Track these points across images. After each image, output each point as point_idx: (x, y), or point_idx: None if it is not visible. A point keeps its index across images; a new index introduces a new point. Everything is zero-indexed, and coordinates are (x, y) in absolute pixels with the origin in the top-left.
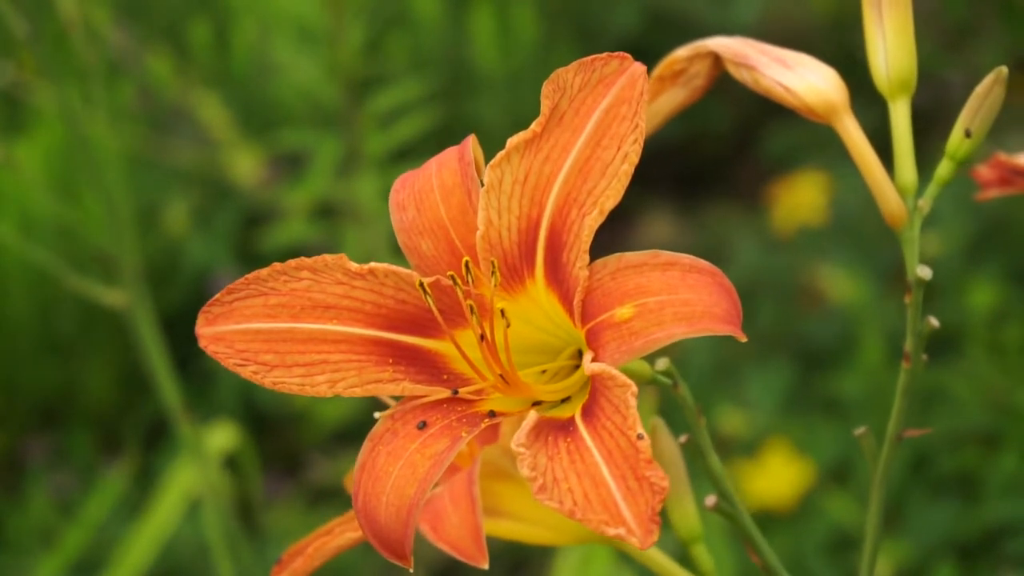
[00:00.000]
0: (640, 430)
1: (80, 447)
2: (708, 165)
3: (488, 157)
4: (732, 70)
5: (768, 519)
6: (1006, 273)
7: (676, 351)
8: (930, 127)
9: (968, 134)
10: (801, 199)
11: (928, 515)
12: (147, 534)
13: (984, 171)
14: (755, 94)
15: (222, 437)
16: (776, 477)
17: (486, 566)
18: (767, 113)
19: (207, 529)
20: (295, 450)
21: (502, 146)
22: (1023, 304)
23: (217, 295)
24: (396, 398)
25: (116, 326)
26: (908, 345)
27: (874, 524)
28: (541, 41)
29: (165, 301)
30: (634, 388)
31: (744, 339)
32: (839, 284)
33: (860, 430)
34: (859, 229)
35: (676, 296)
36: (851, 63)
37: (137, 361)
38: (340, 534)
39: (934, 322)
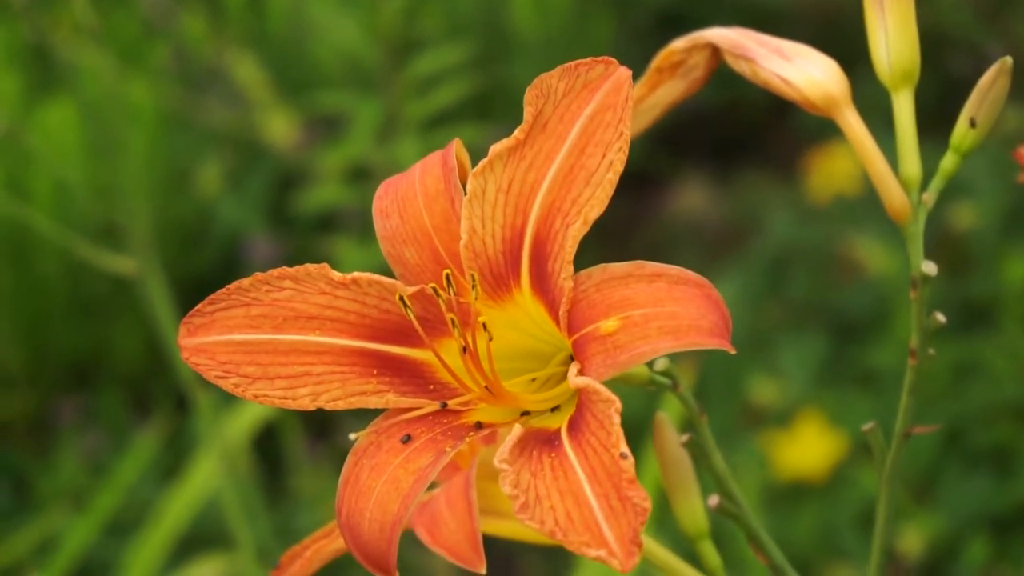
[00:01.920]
0: (624, 448)
1: (110, 408)
2: (743, 133)
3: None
4: (731, 61)
5: (800, 490)
6: None
7: None
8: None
9: (973, 124)
10: (837, 168)
11: (961, 489)
12: (183, 498)
13: None
14: None
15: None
16: (809, 448)
17: (483, 571)
18: None
19: (224, 504)
20: (327, 414)
21: None
22: None
23: (198, 305)
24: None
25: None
26: (914, 342)
27: (882, 523)
28: (576, 6)
29: (197, 263)
30: (618, 404)
31: (733, 351)
32: (874, 255)
33: (868, 425)
34: None
35: (662, 309)
36: None
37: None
38: (339, 536)
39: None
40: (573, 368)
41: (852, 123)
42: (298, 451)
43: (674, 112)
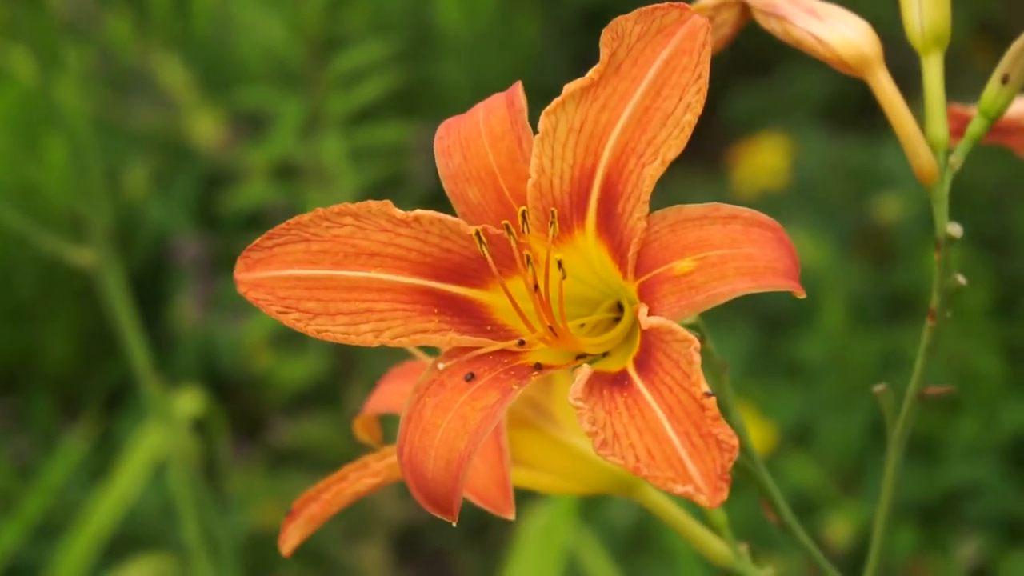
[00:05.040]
0: (706, 387)
1: (39, 411)
2: None
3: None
4: (761, 19)
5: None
6: (967, 237)
7: None
8: None
9: (1005, 80)
10: (763, 162)
11: None
12: (111, 498)
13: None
14: (716, 56)
15: (189, 403)
16: None
17: (512, 517)
18: (729, 75)
19: (175, 493)
20: (256, 413)
21: (464, 108)
22: (984, 268)
23: (256, 240)
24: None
25: (77, 289)
26: (934, 302)
27: (889, 487)
28: (502, 3)
29: (125, 264)
30: (697, 343)
31: (803, 295)
32: (800, 247)
33: (879, 387)
34: (821, 192)
35: (739, 250)
36: None
37: (98, 324)
38: (357, 480)
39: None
40: (643, 309)
41: (884, 84)
42: (225, 454)
43: None
